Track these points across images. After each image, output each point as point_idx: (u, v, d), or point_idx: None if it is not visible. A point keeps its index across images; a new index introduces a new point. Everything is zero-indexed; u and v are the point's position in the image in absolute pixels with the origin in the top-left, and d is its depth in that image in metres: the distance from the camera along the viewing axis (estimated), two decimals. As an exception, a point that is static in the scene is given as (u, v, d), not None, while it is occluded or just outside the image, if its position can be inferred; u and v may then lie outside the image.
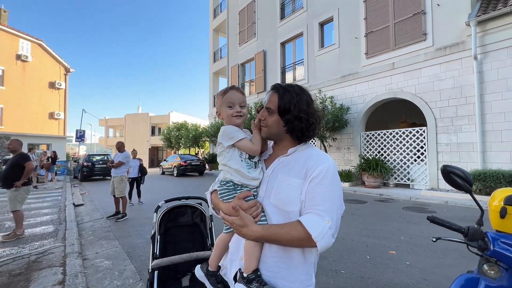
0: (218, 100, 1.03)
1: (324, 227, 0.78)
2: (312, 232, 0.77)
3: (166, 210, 2.18)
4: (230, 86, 1.03)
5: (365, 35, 9.46)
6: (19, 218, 4.26)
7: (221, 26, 19.57)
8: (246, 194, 0.89)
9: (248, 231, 0.82)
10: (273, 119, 0.94)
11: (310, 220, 0.79)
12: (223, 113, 1.00)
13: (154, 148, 34.15)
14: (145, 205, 6.85)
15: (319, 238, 0.77)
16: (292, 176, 0.88)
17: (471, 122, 6.94)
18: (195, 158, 16.85)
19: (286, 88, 0.96)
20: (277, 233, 0.81)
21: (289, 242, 0.81)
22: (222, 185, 0.96)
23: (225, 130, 0.95)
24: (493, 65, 6.59)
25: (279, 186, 0.88)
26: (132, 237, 4.24)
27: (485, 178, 5.99)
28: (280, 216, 0.86)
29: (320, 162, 0.87)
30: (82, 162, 14.41)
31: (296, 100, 0.93)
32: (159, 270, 1.86)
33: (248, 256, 0.86)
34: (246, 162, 0.93)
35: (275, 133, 0.96)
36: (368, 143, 9.63)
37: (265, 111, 0.97)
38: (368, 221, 4.87)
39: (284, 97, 0.94)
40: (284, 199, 0.86)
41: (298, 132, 0.94)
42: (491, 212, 1.35)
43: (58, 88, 20.84)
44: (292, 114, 0.92)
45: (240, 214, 0.84)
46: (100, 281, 2.76)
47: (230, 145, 0.93)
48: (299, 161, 0.90)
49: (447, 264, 2.94)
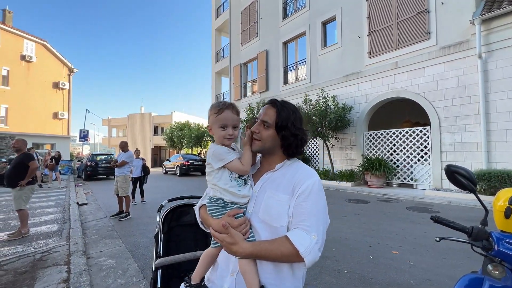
0: (211, 116, 0.99)
1: (311, 242, 0.80)
2: (299, 247, 0.79)
3: (169, 210, 2.19)
4: (225, 104, 0.98)
5: (368, 34, 9.41)
6: (24, 217, 4.31)
7: (224, 26, 19.59)
8: (235, 212, 0.89)
9: (238, 248, 0.82)
10: (268, 133, 0.95)
11: (297, 236, 0.81)
12: (214, 132, 0.98)
13: (156, 147, 34.31)
14: (148, 205, 6.89)
15: (306, 253, 0.79)
16: (280, 192, 0.89)
17: (476, 122, 6.88)
18: (198, 157, 16.90)
19: (283, 104, 0.98)
20: (266, 250, 0.81)
21: (278, 258, 0.82)
22: (212, 202, 0.95)
23: (215, 151, 0.94)
24: (498, 64, 6.52)
25: (268, 202, 0.89)
26: (135, 236, 4.27)
27: (489, 178, 5.93)
28: (268, 232, 0.87)
29: (307, 177, 0.90)
30: (85, 161, 14.53)
31: (293, 118, 0.96)
32: (162, 269, 1.88)
33: (247, 274, 0.85)
34: (236, 181, 0.93)
35: (268, 147, 0.97)
36: (371, 142, 9.58)
37: (260, 124, 0.97)
38: (371, 221, 4.85)
39: (282, 113, 0.96)
40: (273, 215, 0.87)
41: (293, 149, 0.97)
42: (496, 212, 1.34)
43: (62, 88, 21.02)
44: (289, 130, 0.95)
45: (230, 232, 0.84)
46: (104, 280, 2.79)
47: (220, 167, 0.93)
48: (286, 176, 0.93)
49: (451, 264, 2.93)
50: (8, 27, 17.93)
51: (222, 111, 0.96)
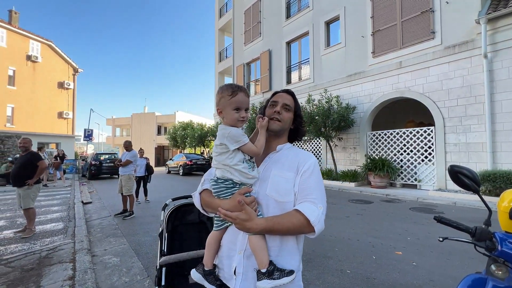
0: (222, 98, 0.99)
1: (319, 212, 0.88)
2: (310, 217, 0.86)
3: (173, 208, 2.21)
4: (238, 86, 1.00)
5: (372, 34, 9.37)
6: (33, 215, 4.39)
7: (227, 26, 19.62)
8: (247, 190, 0.93)
9: (253, 224, 0.86)
10: (289, 115, 1.08)
11: (307, 208, 0.88)
12: (227, 114, 0.99)
13: (160, 147, 34.47)
14: (151, 204, 6.94)
15: (316, 222, 0.86)
16: (285, 170, 0.98)
17: (481, 122, 6.81)
18: (201, 157, 16.97)
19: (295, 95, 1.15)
20: (279, 223, 0.87)
21: (290, 230, 0.88)
22: (220, 183, 0.97)
23: (231, 133, 0.95)
24: (504, 64, 6.45)
25: (275, 180, 0.96)
26: (139, 234, 4.31)
27: (495, 178, 5.87)
28: (275, 208, 0.93)
29: (308, 157, 1.01)
30: (90, 161, 14.65)
31: (299, 106, 1.15)
32: (166, 267, 1.90)
33: (258, 251, 0.89)
34: (247, 163, 0.97)
35: (285, 128, 1.08)
36: (374, 143, 9.54)
37: (283, 106, 1.06)
38: (374, 221, 4.83)
39: (297, 102, 1.13)
40: (280, 191, 0.94)
41: (300, 135, 1.15)
42: (500, 213, 1.34)
43: (67, 88, 21.23)
44: (301, 118, 1.14)
45: (245, 208, 0.86)
46: (108, 277, 2.82)
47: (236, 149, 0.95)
48: (289, 157, 1.02)
49: (454, 265, 2.91)
50: (14, 28, 18.16)
51: (236, 93, 0.97)
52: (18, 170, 4.33)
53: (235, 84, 1.02)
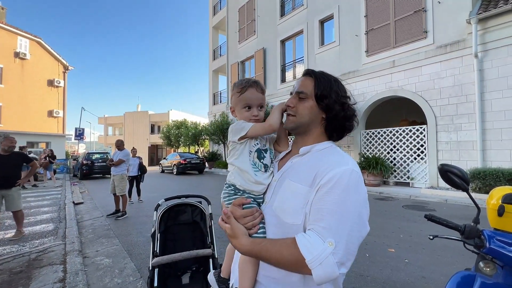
0: (233, 96, 0.88)
1: (324, 250, 0.60)
2: (306, 255, 0.61)
3: (166, 209, 2.19)
4: (249, 81, 0.87)
5: (366, 33, 9.43)
6: (23, 217, 4.32)
7: (221, 24, 19.49)
8: (241, 201, 0.77)
9: (236, 243, 0.71)
10: (305, 105, 0.79)
11: (306, 239, 0.63)
12: (238, 113, 0.88)
13: (153, 146, 34.16)
14: (145, 204, 6.87)
15: (315, 264, 0.60)
16: (298, 181, 0.72)
17: (471, 121, 6.94)
18: (195, 156, 16.86)
19: (322, 73, 0.83)
20: (267, 250, 0.66)
21: (279, 264, 0.66)
22: (225, 188, 0.87)
23: (233, 127, 0.85)
24: (494, 63, 6.58)
25: (284, 193, 0.74)
26: (132, 235, 4.26)
27: (484, 176, 6.00)
28: (278, 229, 0.72)
29: (335, 165, 0.69)
30: (81, 160, 14.42)
31: (336, 86, 0.80)
32: (159, 268, 1.88)
33: (241, 273, 0.77)
34: (253, 163, 0.81)
35: (305, 122, 0.80)
36: (368, 141, 9.63)
37: (295, 96, 0.82)
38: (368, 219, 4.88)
39: (321, 80, 0.80)
40: (286, 209, 0.72)
41: (340, 121, 0.80)
42: (489, 210, 1.36)
43: (57, 86, 20.79)
44: (332, 99, 0.77)
45: (231, 222, 0.73)
46: (100, 279, 2.78)
47: (240, 140, 0.82)
48: (310, 163, 0.74)
49: (446, 262, 2.96)
50: (1, 24, 17.68)
51: (245, 89, 0.86)
52: (9, 170, 4.16)
53: (248, 79, 0.89)
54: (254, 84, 0.87)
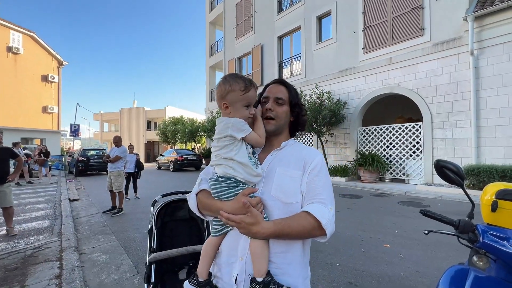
0: (233, 92, 0.89)
1: (329, 214, 0.82)
2: (321, 219, 0.80)
3: (163, 205, 2.19)
4: (250, 81, 0.92)
5: (363, 30, 9.42)
6: (13, 213, 4.25)
7: (218, 19, 19.31)
8: (251, 190, 0.84)
9: (260, 228, 0.77)
10: (283, 109, 0.98)
11: (317, 209, 0.82)
12: (236, 110, 0.90)
13: (150, 142, 33.96)
14: (141, 200, 6.85)
15: (328, 225, 0.80)
16: (291, 168, 0.90)
17: (467, 118, 7.01)
18: (192, 153, 16.81)
19: (290, 84, 1.05)
20: (289, 226, 0.80)
21: (300, 234, 0.81)
22: (220, 182, 0.87)
23: (235, 122, 0.87)
24: (489, 61, 6.63)
25: (280, 179, 0.88)
26: (129, 231, 4.25)
27: (478, 173, 6.08)
28: (282, 210, 0.85)
29: (315, 154, 0.93)
30: (77, 156, 14.29)
31: (297, 94, 1.04)
32: (156, 264, 1.88)
33: (258, 258, 0.81)
34: (250, 158, 0.88)
35: (282, 124, 0.99)
36: (364, 138, 9.68)
37: (274, 101, 0.97)
38: (364, 215, 4.93)
39: (292, 90, 1.02)
40: (287, 191, 0.87)
41: (300, 126, 1.06)
42: (483, 206, 1.38)
43: (51, 82, 20.48)
44: (299, 107, 1.02)
45: (251, 210, 0.78)
46: (97, 275, 2.78)
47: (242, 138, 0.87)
48: (295, 155, 0.94)
49: (440, 256, 3.01)
50: (-7, 17, 17.28)
51: (249, 89, 0.89)
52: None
53: (246, 78, 0.92)
54: (254, 84, 0.94)
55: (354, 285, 2.45)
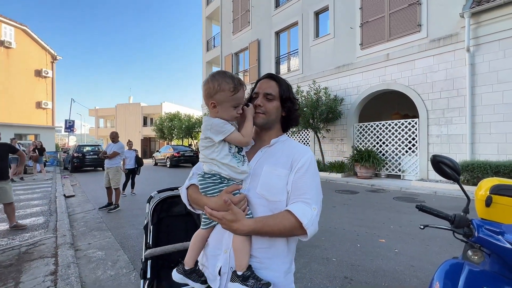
0: (221, 92, 0.87)
1: (312, 214, 0.82)
2: (303, 219, 0.79)
3: (159, 201, 2.18)
4: (239, 80, 0.91)
5: (360, 25, 9.39)
6: (14, 209, 4.26)
7: (215, 14, 19.08)
8: (235, 188, 0.86)
9: (240, 225, 0.80)
10: (273, 105, 0.97)
11: (299, 209, 0.81)
12: (224, 110, 0.89)
13: (146, 139, 33.74)
14: (138, 196, 6.82)
15: (309, 225, 0.80)
16: (279, 166, 0.89)
17: (462, 114, 7.06)
18: (189, 149, 16.76)
19: (282, 78, 1.02)
20: (269, 225, 0.81)
21: (281, 232, 0.82)
22: (206, 178, 0.89)
23: (213, 124, 0.87)
24: (485, 58, 6.66)
25: (267, 177, 0.88)
26: (125, 227, 4.23)
27: (473, 169, 6.15)
28: (266, 207, 0.86)
29: (304, 153, 0.92)
30: (72, 153, 14.16)
31: (290, 88, 1.01)
32: (152, 260, 1.87)
33: (239, 252, 0.83)
34: (235, 156, 0.89)
35: (272, 120, 0.97)
36: (361, 134, 9.72)
37: (263, 97, 0.97)
38: (360, 211, 4.97)
39: (282, 85, 0.99)
40: (272, 190, 0.86)
41: (293, 121, 1.03)
42: (477, 201, 1.39)
43: (45, 77, 20.14)
44: (291, 101, 1.00)
45: (232, 208, 0.80)
46: (93, 271, 2.76)
47: (221, 140, 0.87)
48: (284, 152, 0.93)
49: (434, 251, 3.05)
50: (-16, 10, 16.86)
51: (238, 89, 0.89)
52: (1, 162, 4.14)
53: (234, 77, 0.91)
54: (243, 84, 0.93)
55: (349, 279, 2.47)
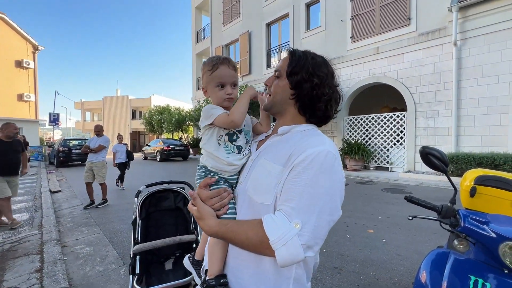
0: (204, 74, 0.84)
1: (288, 231, 0.57)
2: (269, 234, 0.58)
3: (148, 195, 2.14)
4: (220, 57, 0.83)
5: (351, 18, 9.37)
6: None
7: (204, 4, 18.61)
8: (206, 182, 0.74)
9: (204, 225, 0.68)
10: (279, 83, 0.78)
11: (273, 219, 0.60)
12: (211, 93, 0.84)
13: (135, 132, 33.13)
14: (127, 191, 6.71)
15: (279, 244, 0.57)
16: (273, 160, 0.70)
17: (448, 107, 7.23)
18: (179, 142, 16.55)
19: (304, 51, 0.80)
20: (233, 232, 0.64)
21: (245, 245, 0.64)
22: (198, 170, 0.85)
23: (203, 111, 0.82)
24: (471, 52, 6.80)
25: (257, 172, 0.72)
26: (114, 222, 4.16)
27: (457, 160, 6.35)
28: (249, 209, 0.70)
29: (310, 146, 0.64)
30: (57, 147, 13.73)
31: (311, 63, 0.75)
32: (141, 255, 1.84)
33: (210, 255, 0.76)
34: (226, 146, 0.79)
35: (278, 101, 0.78)
36: (351, 127, 9.83)
37: (272, 76, 0.82)
38: (349, 202, 5.06)
39: (297, 57, 0.77)
40: (258, 188, 0.69)
41: (305, 99, 0.74)
42: (462, 192, 1.42)
43: (27, 68, 19.26)
44: (301, 75, 0.73)
45: (197, 204, 0.71)
46: (81, 268, 2.71)
47: (208, 125, 0.80)
48: (289, 143, 0.71)
49: (420, 240, 3.15)
50: (-43, -4, 15.81)
51: (217, 66, 0.81)
52: (16, 157, 4.14)
53: (218, 56, 0.85)
54: (225, 60, 0.83)
55: (339, 269, 2.52)
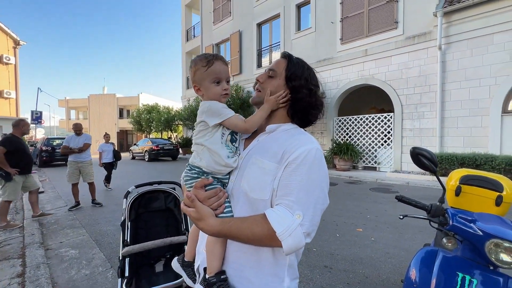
0: (197, 71, 0.82)
1: (293, 222, 0.64)
2: (276, 227, 0.64)
3: (137, 196, 2.09)
4: (213, 54, 0.84)
5: (341, 20, 9.52)
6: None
7: (195, 2, 18.40)
8: (203, 183, 0.75)
9: (204, 225, 0.70)
10: (273, 82, 0.83)
11: (276, 213, 0.66)
12: (206, 89, 0.82)
13: (123, 131, 32.32)
14: (114, 191, 6.54)
15: (285, 235, 0.63)
16: (266, 158, 0.74)
17: (433, 109, 7.48)
18: (168, 142, 16.30)
19: (298, 58, 0.87)
20: (237, 228, 0.68)
21: (250, 240, 0.68)
22: (187, 170, 0.82)
23: (211, 106, 0.79)
24: (455, 56, 7.06)
25: (251, 169, 0.75)
26: (101, 224, 4.04)
27: (441, 160, 6.57)
28: (247, 206, 0.73)
29: (301, 144, 0.72)
30: (40, 146, 13.21)
31: (307, 73, 0.83)
32: (131, 257, 1.80)
33: (210, 254, 0.77)
34: (227, 145, 0.79)
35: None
36: (340, 128, 9.99)
37: (266, 73, 0.85)
38: (339, 201, 5.14)
39: (295, 63, 0.83)
40: (254, 185, 0.72)
41: (304, 106, 0.82)
42: (448, 191, 1.47)
43: (7, 63, 18.43)
44: (301, 82, 0.81)
45: (196, 205, 0.72)
46: (66, 271, 2.61)
47: (217, 124, 0.78)
48: (279, 141, 0.76)
49: (407, 238, 3.23)
50: None
51: (212, 62, 0.81)
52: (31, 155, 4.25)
53: (208, 53, 0.86)
54: (220, 56, 0.84)
55: (329, 268, 2.56)
